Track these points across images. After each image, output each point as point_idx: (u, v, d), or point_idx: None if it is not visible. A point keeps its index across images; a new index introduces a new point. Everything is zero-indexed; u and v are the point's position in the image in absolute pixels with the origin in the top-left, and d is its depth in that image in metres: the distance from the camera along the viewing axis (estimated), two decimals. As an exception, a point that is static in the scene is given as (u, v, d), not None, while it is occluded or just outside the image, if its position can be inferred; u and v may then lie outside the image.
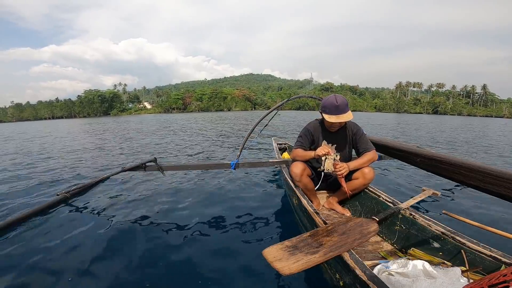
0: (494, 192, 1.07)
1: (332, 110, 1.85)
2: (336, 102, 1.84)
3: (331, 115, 1.86)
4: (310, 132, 2.08)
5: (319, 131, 2.09)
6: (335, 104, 1.84)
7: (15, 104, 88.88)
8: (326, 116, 1.88)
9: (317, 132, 2.08)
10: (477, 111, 76.40)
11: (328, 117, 1.86)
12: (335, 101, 1.85)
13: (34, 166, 4.95)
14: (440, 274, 1.14)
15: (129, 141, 8.88)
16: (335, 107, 1.84)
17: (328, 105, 1.87)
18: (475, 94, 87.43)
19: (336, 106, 1.84)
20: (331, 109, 1.86)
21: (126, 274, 1.61)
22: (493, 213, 2.54)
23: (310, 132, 2.08)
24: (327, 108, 1.88)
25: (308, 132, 2.09)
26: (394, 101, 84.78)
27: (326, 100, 1.91)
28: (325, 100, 1.92)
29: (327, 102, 1.88)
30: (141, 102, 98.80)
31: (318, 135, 2.08)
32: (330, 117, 1.85)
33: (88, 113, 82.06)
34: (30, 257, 1.77)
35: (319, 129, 2.09)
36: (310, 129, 2.09)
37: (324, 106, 1.90)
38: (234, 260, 1.75)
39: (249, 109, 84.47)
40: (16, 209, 2.65)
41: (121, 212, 2.53)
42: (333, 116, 1.85)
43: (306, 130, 2.10)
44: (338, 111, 1.84)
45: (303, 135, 2.10)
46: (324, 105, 1.90)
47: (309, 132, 2.08)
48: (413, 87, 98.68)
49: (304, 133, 2.10)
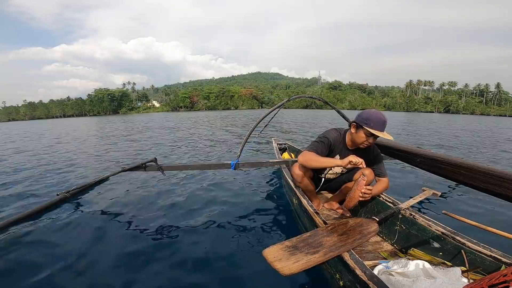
0: (494, 192, 1.07)
1: (379, 125, 1.66)
2: (383, 117, 1.67)
3: (377, 130, 1.65)
4: (330, 143, 1.87)
5: (340, 144, 1.91)
6: (382, 120, 1.66)
7: (28, 103, 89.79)
8: (373, 131, 1.65)
9: (337, 144, 1.91)
10: (490, 110, 73.86)
11: (376, 132, 1.65)
12: (382, 116, 1.67)
13: (34, 167, 4.95)
14: (440, 274, 1.14)
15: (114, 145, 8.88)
16: (383, 122, 1.66)
17: (375, 119, 1.66)
18: (488, 93, 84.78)
19: (383, 122, 1.67)
20: (378, 124, 1.65)
21: (125, 274, 1.61)
22: (493, 213, 2.54)
23: (330, 142, 1.87)
24: (372, 121, 1.66)
25: (328, 141, 1.87)
26: (404, 100, 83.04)
27: (370, 114, 1.69)
28: (369, 114, 1.69)
29: (373, 116, 1.67)
30: (150, 101, 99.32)
31: (338, 148, 1.91)
32: (377, 132, 1.65)
33: (98, 112, 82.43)
34: (30, 257, 1.77)
35: (341, 143, 1.91)
36: (331, 140, 1.87)
37: (369, 119, 1.67)
38: (234, 260, 1.75)
39: (256, 107, 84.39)
40: (16, 209, 2.65)
41: (121, 212, 2.53)
42: (380, 132, 1.65)
43: (326, 139, 1.87)
44: (384, 128, 1.68)
45: (321, 142, 1.87)
46: (369, 118, 1.67)
47: (329, 142, 1.87)
48: (424, 86, 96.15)
49: (323, 141, 1.87)
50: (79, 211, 2.56)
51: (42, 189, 3.38)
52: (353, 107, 78.36)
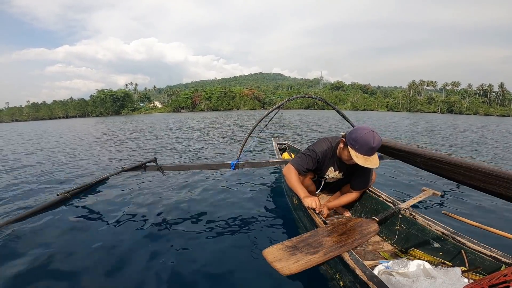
0: (494, 192, 1.07)
1: (364, 150, 1.50)
2: (373, 143, 1.47)
3: (359, 154, 1.51)
4: (318, 157, 1.79)
5: (328, 158, 1.84)
6: (371, 145, 1.47)
7: (31, 104, 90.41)
8: (352, 153, 1.53)
9: (326, 159, 1.83)
10: (494, 110, 74.01)
11: (355, 156, 1.52)
12: (372, 142, 1.47)
13: (34, 166, 4.95)
14: (441, 274, 1.14)
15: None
16: (370, 148, 1.48)
17: (362, 142, 1.49)
18: (492, 93, 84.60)
19: (371, 148, 1.48)
20: (362, 148, 1.50)
21: (125, 274, 1.61)
22: (493, 213, 2.54)
23: (318, 156, 1.79)
24: (358, 144, 1.51)
25: (315, 155, 1.78)
26: (407, 100, 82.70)
27: (361, 134, 1.51)
28: (360, 134, 1.51)
29: (362, 138, 1.49)
30: (152, 102, 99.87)
31: (326, 162, 1.84)
32: (357, 156, 1.51)
33: (101, 112, 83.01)
34: (30, 257, 1.77)
35: (329, 155, 1.83)
36: (319, 154, 1.79)
37: (355, 140, 1.52)
38: (234, 260, 1.75)
39: (257, 108, 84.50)
40: (16, 209, 2.65)
41: (121, 213, 2.53)
42: (361, 157, 1.51)
43: (314, 153, 1.79)
44: (370, 153, 1.51)
45: (308, 156, 1.79)
46: (356, 140, 1.52)
47: (316, 156, 1.79)
48: (427, 86, 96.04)
49: (310, 155, 1.79)
50: (80, 211, 2.56)
51: (41, 189, 3.38)
52: (355, 108, 78.24)
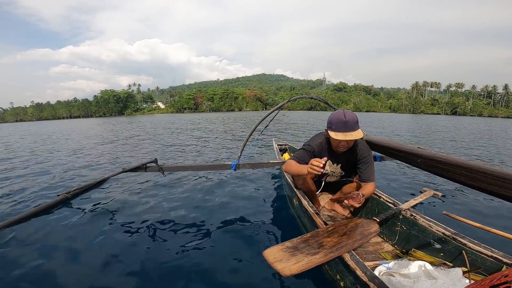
0: (495, 193, 1.07)
1: (339, 126, 1.60)
2: (345, 117, 1.59)
3: (337, 132, 1.61)
4: (313, 150, 1.82)
5: (323, 150, 1.85)
6: (343, 120, 1.59)
7: (36, 104, 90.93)
8: (332, 134, 1.63)
9: (321, 151, 1.85)
10: (498, 112, 73.35)
11: (335, 135, 1.61)
12: (343, 117, 1.60)
13: (34, 166, 4.95)
14: (441, 275, 1.14)
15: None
16: (343, 123, 1.59)
17: (335, 121, 1.62)
18: (496, 94, 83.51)
19: (344, 122, 1.59)
20: (338, 126, 1.61)
21: (125, 274, 1.61)
22: (494, 214, 2.53)
23: (313, 149, 1.82)
24: (333, 124, 1.63)
25: (311, 149, 1.82)
26: (410, 101, 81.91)
27: (333, 115, 1.66)
28: (332, 115, 1.67)
29: (334, 117, 1.64)
30: (155, 102, 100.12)
31: (323, 155, 1.84)
32: (336, 135, 1.60)
33: (104, 113, 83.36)
34: (30, 257, 1.77)
35: (324, 148, 1.85)
36: (314, 147, 1.83)
37: (330, 122, 1.65)
38: (235, 260, 1.75)
39: (260, 109, 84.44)
40: (17, 209, 2.65)
41: (121, 213, 2.54)
42: (340, 134, 1.60)
43: (310, 146, 1.84)
44: (347, 128, 1.59)
45: (304, 150, 1.84)
46: (330, 121, 1.65)
47: (312, 149, 1.82)
48: (431, 87, 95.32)
49: (306, 149, 1.83)
50: (80, 211, 2.56)
51: (42, 189, 3.38)
52: (358, 109, 77.99)
